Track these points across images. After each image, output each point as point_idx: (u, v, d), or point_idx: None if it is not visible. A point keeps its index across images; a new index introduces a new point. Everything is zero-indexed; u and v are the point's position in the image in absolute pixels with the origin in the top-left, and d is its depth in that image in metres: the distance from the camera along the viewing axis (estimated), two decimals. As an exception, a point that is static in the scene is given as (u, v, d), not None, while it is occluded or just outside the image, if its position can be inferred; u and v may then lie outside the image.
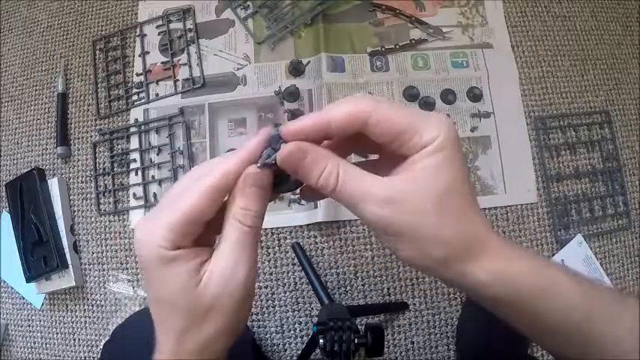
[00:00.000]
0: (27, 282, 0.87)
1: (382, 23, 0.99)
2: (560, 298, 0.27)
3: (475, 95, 0.93)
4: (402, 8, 0.99)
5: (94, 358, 0.88)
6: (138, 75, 0.99)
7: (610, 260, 0.88)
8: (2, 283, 0.93)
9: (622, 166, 0.92)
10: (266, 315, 0.86)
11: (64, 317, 0.90)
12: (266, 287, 0.87)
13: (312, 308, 0.86)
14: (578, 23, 0.99)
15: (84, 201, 0.94)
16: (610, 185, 0.91)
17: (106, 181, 0.94)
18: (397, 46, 0.96)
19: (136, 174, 0.93)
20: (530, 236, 0.88)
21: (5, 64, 1.06)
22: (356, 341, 0.55)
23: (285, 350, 0.85)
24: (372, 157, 0.32)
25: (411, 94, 0.94)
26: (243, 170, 0.28)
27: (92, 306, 0.89)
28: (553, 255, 0.87)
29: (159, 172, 0.93)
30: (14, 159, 0.99)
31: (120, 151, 0.95)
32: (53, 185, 0.92)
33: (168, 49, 0.99)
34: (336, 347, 0.54)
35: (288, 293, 0.87)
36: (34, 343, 0.90)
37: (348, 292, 0.86)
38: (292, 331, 0.86)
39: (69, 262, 0.88)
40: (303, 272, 0.83)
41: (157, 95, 0.97)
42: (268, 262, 0.88)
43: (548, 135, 0.92)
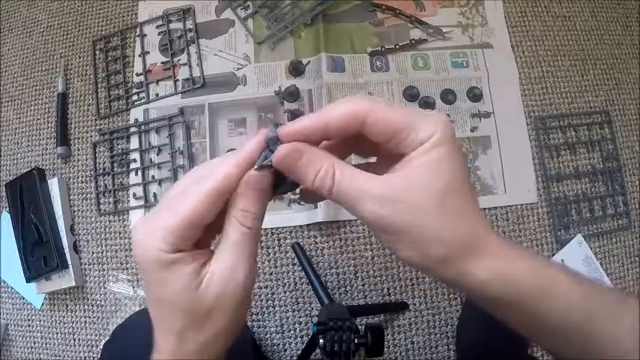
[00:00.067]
0: (27, 282, 0.87)
1: (382, 23, 0.99)
2: (560, 298, 0.27)
3: (475, 95, 0.93)
4: (402, 8, 0.99)
5: (94, 358, 0.88)
6: (138, 75, 0.99)
7: (610, 260, 0.88)
8: (2, 283, 0.93)
9: (622, 166, 0.92)
10: (266, 315, 0.86)
11: (64, 317, 0.90)
12: (266, 287, 0.87)
13: (312, 308, 0.86)
14: (578, 23, 0.99)
15: (84, 201, 0.94)
16: (610, 185, 0.91)
17: (106, 181, 0.94)
18: (397, 46, 0.96)
19: (136, 174, 0.93)
20: (530, 236, 0.88)
21: (5, 64, 1.06)
22: (356, 341, 0.55)
23: (285, 350, 0.85)
24: (370, 160, 0.32)
25: (411, 94, 0.94)
26: (243, 172, 0.28)
27: (92, 306, 0.89)
28: (553, 255, 0.87)
29: (159, 172, 0.93)
30: (14, 159, 0.99)
31: (120, 151, 0.95)
32: (53, 185, 0.92)
33: (168, 49, 0.99)
34: (336, 347, 0.54)
35: (288, 293, 0.87)
36: (34, 343, 0.90)
37: (348, 292, 0.86)
38: (292, 331, 0.86)
39: (69, 262, 0.88)
40: (303, 272, 0.83)
41: (157, 95, 0.97)
42: (268, 262, 0.88)
43: (548, 135, 0.92)
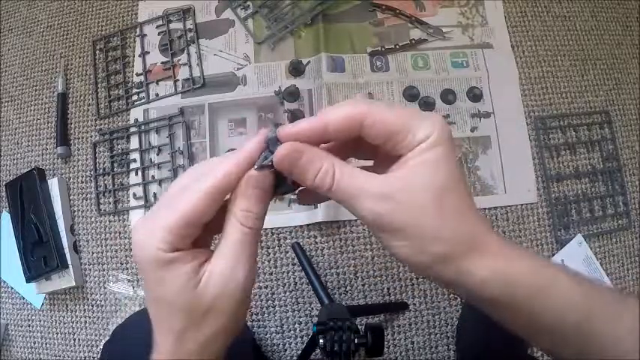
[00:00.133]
0: (27, 282, 0.87)
1: (382, 23, 0.99)
2: (560, 298, 0.27)
3: (475, 95, 0.93)
4: (402, 8, 0.99)
5: (94, 358, 0.88)
6: (138, 75, 0.99)
7: (610, 260, 0.88)
8: (2, 283, 0.93)
9: (622, 166, 0.92)
10: (266, 315, 0.86)
11: (64, 317, 0.90)
12: (266, 287, 0.87)
13: (312, 308, 0.86)
14: (578, 23, 0.99)
15: (84, 201, 0.94)
16: (610, 185, 0.91)
17: (106, 181, 0.94)
18: (397, 46, 0.96)
19: (136, 174, 0.93)
20: (530, 236, 0.88)
21: (5, 64, 1.06)
22: (356, 341, 0.55)
23: (285, 350, 0.85)
24: (367, 164, 0.32)
25: (411, 94, 0.94)
26: (243, 171, 0.28)
27: (92, 306, 0.89)
28: (553, 255, 0.87)
29: (159, 172, 0.93)
30: (14, 159, 0.99)
31: (120, 151, 0.95)
32: (53, 185, 0.92)
33: (168, 49, 0.99)
34: (336, 347, 0.54)
35: (288, 293, 0.87)
36: (34, 343, 0.90)
37: (348, 292, 0.86)
38: (292, 331, 0.86)
39: (69, 262, 0.88)
40: (303, 272, 0.83)
41: (157, 95, 0.97)
42: (268, 262, 0.88)
43: (548, 135, 0.92)
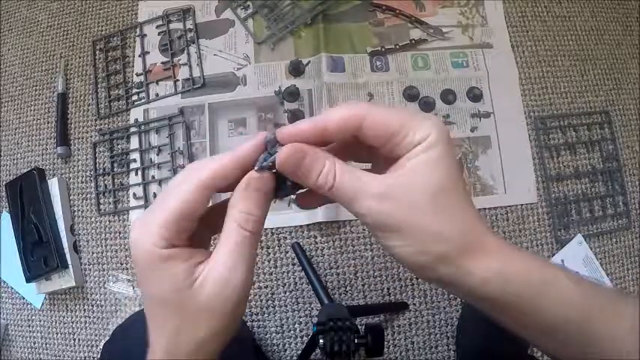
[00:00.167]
0: (27, 282, 0.87)
1: (382, 23, 0.99)
2: (559, 298, 0.27)
3: (475, 95, 0.93)
4: (402, 8, 0.99)
5: (94, 358, 0.88)
6: (138, 75, 0.99)
7: (610, 260, 0.88)
8: (2, 283, 0.93)
9: (622, 166, 0.92)
10: (266, 315, 0.86)
11: (64, 317, 0.90)
12: (266, 287, 0.87)
13: (312, 308, 0.86)
14: (578, 23, 0.99)
15: (84, 201, 0.94)
16: (610, 185, 0.91)
17: (106, 181, 0.94)
18: (397, 46, 0.96)
19: (136, 174, 0.93)
20: (530, 236, 0.88)
21: (5, 64, 1.06)
22: (356, 341, 0.55)
23: (285, 350, 0.85)
24: (366, 168, 0.33)
25: (411, 94, 0.94)
26: (237, 166, 0.28)
27: (92, 306, 0.89)
28: (553, 255, 0.87)
29: (159, 172, 0.93)
30: (14, 159, 0.99)
31: (120, 151, 0.95)
32: (53, 185, 0.92)
33: (168, 49, 0.99)
34: (336, 347, 0.54)
35: (288, 293, 0.87)
36: (34, 343, 0.90)
37: (348, 292, 0.86)
38: (292, 331, 0.86)
39: (69, 262, 0.88)
40: (303, 272, 0.83)
41: (157, 95, 0.97)
42: (268, 262, 0.88)
43: (548, 135, 0.92)
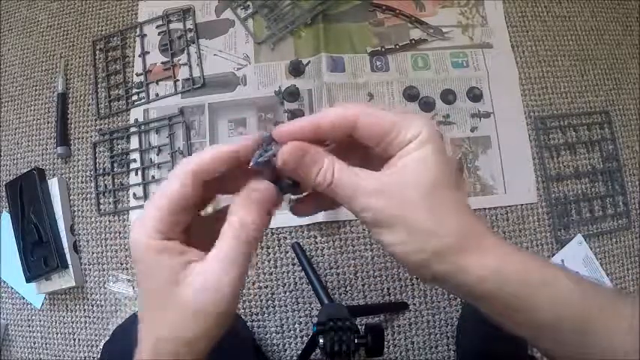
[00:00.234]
0: (27, 282, 0.87)
1: (382, 23, 0.99)
2: (558, 298, 0.27)
3: (475, 95, 0.93)
4: (402, 8, 0.99)
5: (94, 358, 0.88)
6: (138, 75, 0.99)
7: (610, 260, 0.88)
8: (2, 283, 0.93)
9: (622, 166, 0.92)
10: (266, 315, 0.86)
11: (64, 317, 0.90)
12: (266, 287, 0.87)
13: (312, 308, 0.86)
14: (578, 23, 0.99)
15: (84, 201, 0.94)
16: (610, 185, 0.91)
17: (106, 181, 0.94)
18: (397, 46, 0.96)
19: (136, 174, 0.93)
20: (530, 236, 0.88)
21: (5, 64, 1.06)
22: (356, 341, 0.55)
23: (285, 350, 0.85)
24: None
25: (411, 94, 0.94)
26: (228, 158, 0.28)
27: (92, 306, 0.89)
28: (553, 255, 0.87)
29: (159, 172, 0.93)
30: (14, 159, 0.99)
31: (120, 151, 0.95)
32: (53, 185, 0.92)
33: (168, 49, 0.99)
34: (336, 347, 0.54)
35: (288, 293, 0.87)
36: (34, 343, 0.90)
37: (348, 292, 0.86)
38: (292, 331, 0.86)
39: (69, 262, 0.88)
40: (303, 272, 0.83)
41: (156, 95, 0.97)
42: (268, 262, 0.88)
43: (548, 135, 0.92)
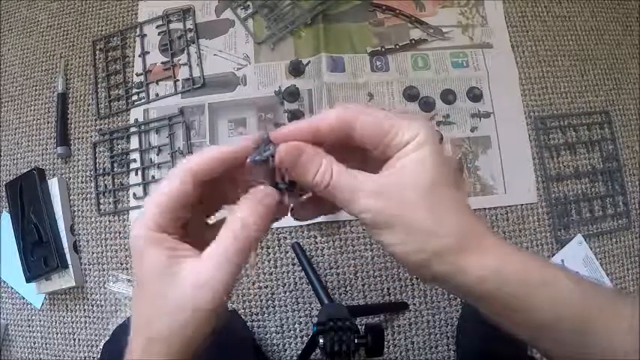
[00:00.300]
0: (27, 282, 0.87)
1: (382, 23, 0.99)
2: (558, 298, 0.27)
3: (475, 95, 0.93)
4: (402, 8, 0.99)
5: (94, 358, 0.88)
6: (138, 75, 0.99)
7: (610, 260, 0.88)
8: (2, 283, 0.93)
9: (622, 166, 0.92)
10: (266, 315, 0.86)
11: (64, 317, 0.90)
12: (266, 287, 0.87)
13: (312, 308, 0.86)
14: (578, 23, 0.99)
15: (84, 201, 0.94)
16: (610, 185, 0.91)
17: (106, 181, 0.94)
18: (397, 46, 0.96)
19: (136, 174, 0.93)
20: (530, 236, 0.88)
21: (5, 64, 1.06)
22: (356, 341, 0.55)
23: (285, 350, 0.85)
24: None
25: (410, 94, 0.94)
26: (226, 158, 0.28)
27: (92, 306, 0.89)
28: (553, 255, 0.87)
29: (159, 172, 0.93)
30: (14, 159, 0.99)
31: (120, 151, 0.95)
32: (53, 185, 0.92)
33: (168, 49, 0.99)
34: (336, 347, 0.54)
35: (288, 293, 0.87)
36: (34, 343, 0.90)
37: (348, 292, 0.86)
38: (292, 331, 0.86)
39: (69, 262, 0.88)
40: (303, 272, 0.83)
41: (156, 95, 0.97)
42: (268, 262, 0.88)
43: (548, 135, 0.92)
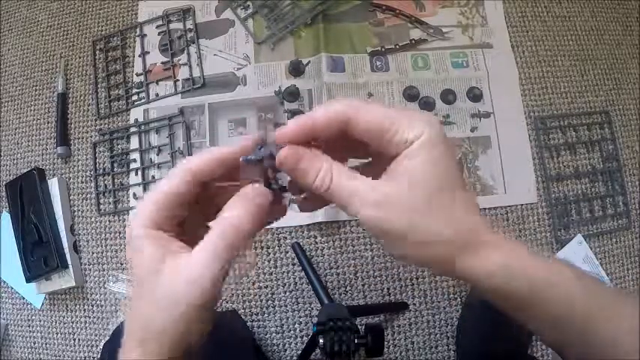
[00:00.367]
0: (27, 282, 0.87)
1: (382, 23, 0.99)
2: (564, 294, 0.27)
3: (475, 95, 0.93)
4: (402, 8, 0.99)
5: (94, 358, 0.88)
6: (138, 75, 0.99)
7: (610, 260, 0.88)
8: (2, 283, 0.93)
9: (622, 166, 0.92)
10: (266, 315, 0.86)
11: (64, 317, 0.90)
12: (266, 287, 0.87)
13: (312, 308, 0.86)
14: (578, 23, 0.99)
15: (84, 201, 0.94)
16: (610, 185, 0.91)
17: (106, 181, 0.94)
18: (397, 46, 0.96)
19: (136, 174, 0.93)
20: (530, 236, 0.88)
21: (5, 64, 1.06)
22: (356, 341, 0.55)
23: (285, 350, 0.85)
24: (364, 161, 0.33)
25: (410, 94, 0.94)
26: (224, 159, 0.29)
27: (92, 306, 0.89)
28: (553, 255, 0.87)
29: (159, 172, 0.93)
30: (14, 159, 0.99)
31: (120, 151, 0.95)
32: (53, 185, 0.92)
33: (168, 49, 0.99)
34: (336, 347, 0.54)
35: (288, 293, 0.87)
36: (34, 343, 0.90)
37: (348, 292, 0.86)
38: (292, 331, 0.86)
39: (69, 262, 0.88)
40: (303, 272, 0.83)
41: (156, 95, 0.97)
42: (268, 262, 0.88)
43: (548, 135, 0.92)
